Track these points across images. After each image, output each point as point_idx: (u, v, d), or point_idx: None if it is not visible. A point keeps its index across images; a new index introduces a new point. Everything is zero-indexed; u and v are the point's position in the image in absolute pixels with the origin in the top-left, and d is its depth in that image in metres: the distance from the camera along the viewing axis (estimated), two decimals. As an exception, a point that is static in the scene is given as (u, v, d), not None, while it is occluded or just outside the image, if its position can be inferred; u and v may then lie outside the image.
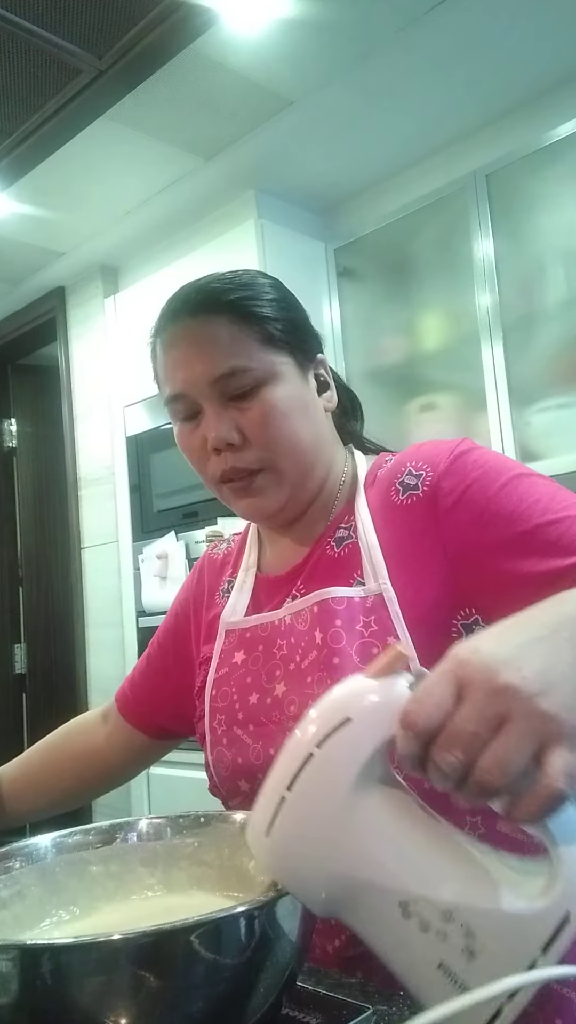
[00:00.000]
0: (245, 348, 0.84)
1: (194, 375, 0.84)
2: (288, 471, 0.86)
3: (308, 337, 0.91)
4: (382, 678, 0.52)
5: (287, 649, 0.84)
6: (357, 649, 0.78)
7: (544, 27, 1.97)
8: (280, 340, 0.86)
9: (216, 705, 0.88)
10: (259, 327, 0.85)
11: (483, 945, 0.48)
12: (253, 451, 0.84)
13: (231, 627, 0.92)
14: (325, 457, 0.90)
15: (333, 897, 0.51)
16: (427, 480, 0.82)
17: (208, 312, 0.85)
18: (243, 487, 0.86)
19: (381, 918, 0.50)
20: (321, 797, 0.50)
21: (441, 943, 0.49)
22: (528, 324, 2.19)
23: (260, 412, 0.84)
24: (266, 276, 0.93)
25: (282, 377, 0.86)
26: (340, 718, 0.51)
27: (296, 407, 0.86)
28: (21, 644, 3.62)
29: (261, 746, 0.82)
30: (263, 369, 0.84)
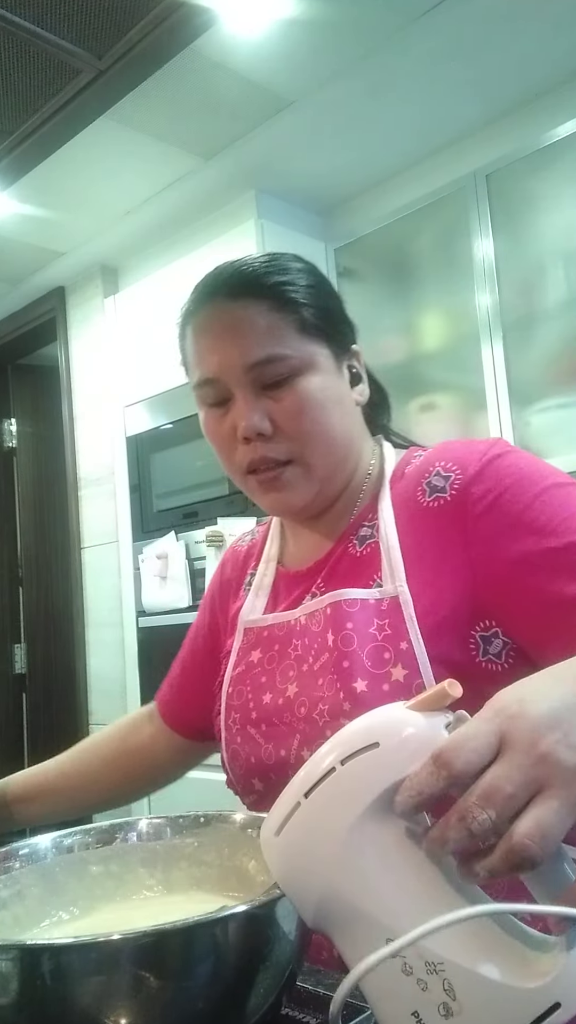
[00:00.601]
0: (283, 335, 0.81)
1: (229, 360, 0.82)
2: (318, 465, 0.83)
3: (344, 327, 0.89)
4: (423, 712, 0.51)
5: (301, 650, 0.83)
6: (369, 653, 0.77)
7: (544, 27, 1.97)
8: (317, 329, 0.83)
9: (232, 703, 0.87)
10: (297, 314, 0.82)
11: (461, 1007, 0.47)
12: (284, 442, 0.82)
13: (249, 625, 0.90)
14: (356, 450, 0.88)
15: (324, 912, 0.51)
16: (456, 483, 0.79)
17: (247, 295, 0.82)
18: (270, 479, 0.84)
19: (367, 948, 0.49)
20: (334, 813, 0.50)
21: (420, 992, 0.47)
22: (528, 324, 2.19)
23: (295, 402, 0.81)
24: (301, 260, 0.89)
25: (318, 367, 0.83)
26: (369, 740, 0.50)
27: (330, 399, 0.83)
28: (21, 644, 3.62)
29: (272, 747, 0.81)
30: (300, 358, 0.82)
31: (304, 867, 0.51)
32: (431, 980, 0.47)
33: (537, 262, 2.19)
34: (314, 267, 0.89)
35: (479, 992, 0.47)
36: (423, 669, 0.74)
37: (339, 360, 0.87)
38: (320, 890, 0.50)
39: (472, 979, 0.47)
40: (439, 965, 0.47)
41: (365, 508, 0.88)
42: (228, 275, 0.85)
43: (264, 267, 0.84)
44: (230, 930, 0.51)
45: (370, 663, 0.76)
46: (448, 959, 0.47)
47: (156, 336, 2.78)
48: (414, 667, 0.74)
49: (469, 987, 0.47)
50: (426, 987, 0.47)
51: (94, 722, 3.04)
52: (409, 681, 0.74)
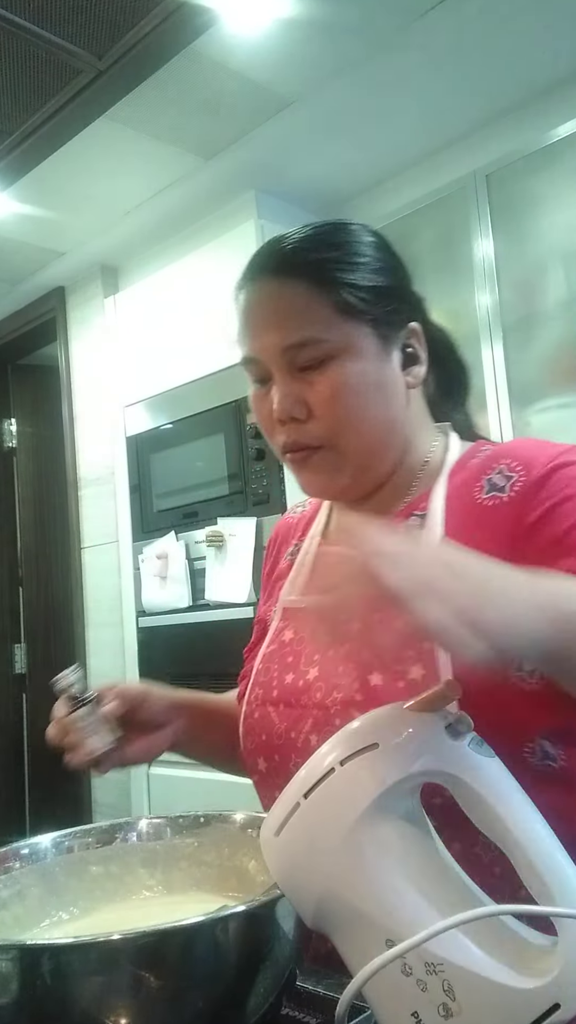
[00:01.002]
0: (320, 317, 0.79)
1: (266, 342, 0.81)
2: (350, 452, 0.81)
3: (398, 305, 0.84)
4: (422, 713, 0.51)
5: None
6: (391, 647, 0.76)
7: (544, 27, 1.96)
8: (360, 310, 0.80)
9: (258, 679, 0.86)
10: (338, 294, 0.79)
11: (460, 1007, 0.47)
12: (317, 426, 0.80)
13: (287, 605, 0.89)
14: (400, 438, 0.84)
15: (323, 913, 0.51)
16: (516, 485, 0.76)
17: (287, 274, 0.80)
18: (301, 460, 0.83)
19: (366, 949, 0.49)
20: (333, 813, 0.50)
21: (420, 993, 0.48)
22: (528, 324, 2.19)
23: (328, 387, 0.79)
24: (369, 232, 0.86)
25: (357, 351, 0.80)
26: (368, 741, 0.51)
27: (369, 384, 0.80)
28: (21, 644, 3.62)
29: (284, 727, 0.81)
30: (337, 341, 0.79)
31: (303, 867, 0.51)
32: (431, 981, 0.47)
33: (537, 262, 2.19)
34: (378, 241, 0.86)
35: (478, 993, 0.47)
36: (443, 672, 0.72)
37: (387, 341, 0.82)
38: (319, 890, 0.50)
39: (471, 980, 0.47)
40: (439, 966, 0.47)
41: (418, 497, 0.84)
42: (273, 250, 0.83)
43: (313, 241, 0.82)
44: (230, 930, 0.51)
45: (390, 658, 0.74)
46: (448, 960, 0.47)
47: (156, 336, 2.78)
48: (432, 669, 0.72)
49: (469, 988, 0.47)
50: (426, 987, 0.47)
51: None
52: (426, 682, 0.72)
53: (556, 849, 0.49)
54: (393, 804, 0.50)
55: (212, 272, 2.55)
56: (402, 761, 0.50)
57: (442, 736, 0.50)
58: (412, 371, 0.85)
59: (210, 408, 2.56)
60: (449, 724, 0.51)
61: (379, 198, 2.57)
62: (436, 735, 0.50)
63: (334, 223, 0.86)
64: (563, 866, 0.49)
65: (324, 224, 0.85)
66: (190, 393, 2.64)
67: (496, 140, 2.29)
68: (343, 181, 2.57)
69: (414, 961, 0.48)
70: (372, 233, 0.86)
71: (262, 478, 2.38)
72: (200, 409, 2.59)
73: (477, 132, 2.34)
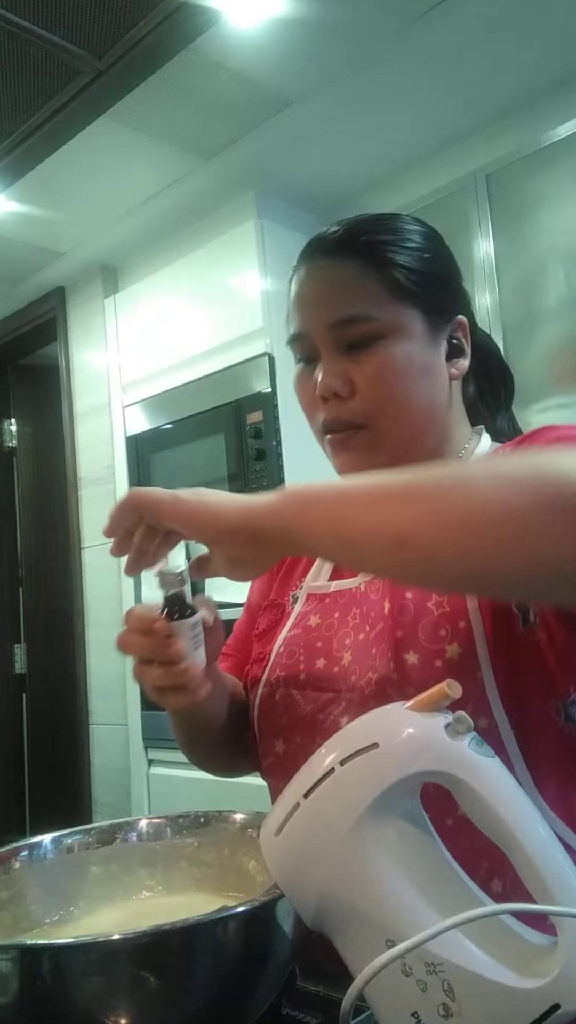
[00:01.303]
0: (371, 295, 0.79)
1: (314, 317, 0.81)
2: (389, 433, 0.81)
3: (447, 294, 0.85)
4: (422, 713, 0.52)
5: (360, 619, 0.82)
6: (424, 627, 0.75)
7: (543, 27, 1.96)
8: (412, 292, 0.80)
9: (280, 661, 0.86)
10: (391, 274, 0.79)
11: (460, 1008, 0.47)
12: (360, 404, 0.80)
13: (313, 591, 0.89)
14: (439, 427, 0.84)
15: (324, 913, 0.51)
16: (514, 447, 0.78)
17: (341, 252, 0.81)
18: (341, 441, 0.82)
19: (366, 949, 0.49)
20: (333, 813, 0.50)
21: (420, 993, 0.48)
22: (528, 324, 2.19)
23: (374, 366, 0.79)
24: (421, 224, 0.87)
25: (406, 333, 0.80)
26: (368, 741, 0.51)
27: (415, 367, 0.80)
28: (21, 644, 3.62)
29: (311, 710, 0.80)
30: (386, 320, 0.79)
31: (303, 867, 0.51)
32: (431, 981, 0.47)
33: (537, 262, 2.19)
34: (432, 232, 0.87)
35: (478, 993, 0.47)
36: (480, 651, 0.72)
37: (435, 328, 0.82)
38: (319, 890, 0.50)
39: (471, 980, 0.47)
40: (438, 966, 0.47)
41: None
42: (330, 232, 0.84)
43: (369, 225, 0.83)
44: (230, 930, 0.51)
45: (424, 637, 0.75)
46: (447, 960, 0.47)
47: (156, 336, 2.78)
48: (471, 648, 0.73)
49: (468, 988, 0.47)
50: (426, 988, 0.47)
51: (94, 722, 3.04)
52: (464, 661, 0.72)
53: (556, 849, 0.49)
54: (393, 804, 0.50)
55: (212, 272, 2.55)
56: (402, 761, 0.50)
57: (442, 736, 0.50)
58: (457, 363, 0.85)
59: (210, 408, 2.55)
60: (449, 724, 0.51)
61: (379, 198, 2.57)
62: (436, 735, 0.50)
63: (389, 214, 0.86)
64: (563, 867, 0.49)
65: (377, 214, 0.86)
66: (190, 393, 2.63)
67: (496, 140, 2.29)
68: (343, 181, 2.57)
69: (414, 961, 0.48)
70: (425, 225, 0.87)
71: (262, 478, 2.37)
72: (200, 409, 2.59)
73: (477, 132, 2.34)
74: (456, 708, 0.52)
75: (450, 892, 0.51)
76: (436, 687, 0.52)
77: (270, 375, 2.37)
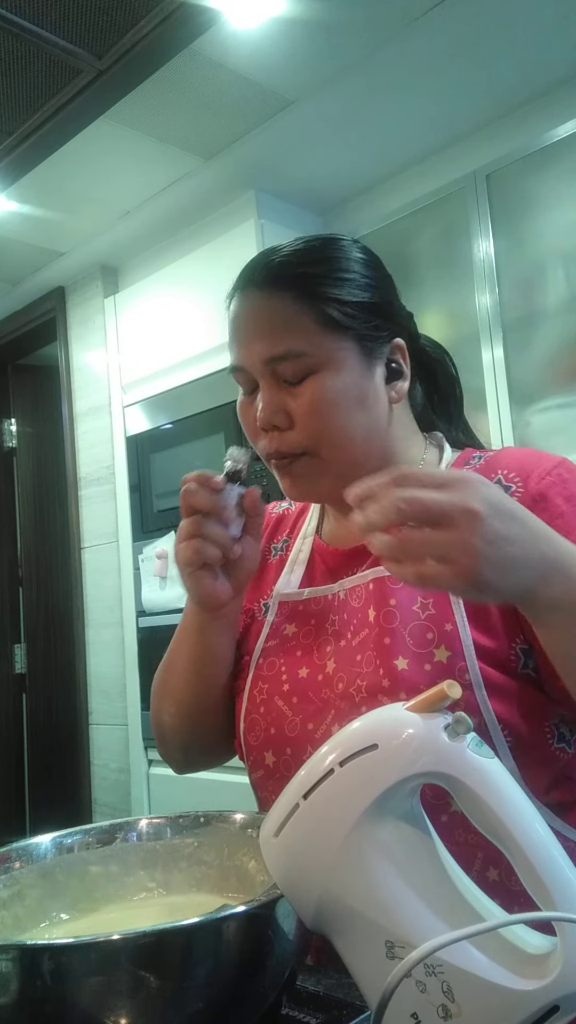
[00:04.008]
0: (303, 330, 0.80)
1: (251, 352, 0.82)
2: (331, 460, 0.83)
3: (383, 321, 0.85)
4: (422, 714, 0.52)
5: (339, 625, 0.83)
6: (412, 631, 0.77)
7: (543, 27, 1.96)
8: (344, 325, 0.81)
9: (261, 673, 0.86)
10: (322, 308, 0.80)
11: (460, 1008, 0.47)
12: (298, 436, 0.82)
13: (285, 599, 0.90)
14: (381, 448, 0.86)
15: (323, 914, 0.51)
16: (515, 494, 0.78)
17: (274, 286, 0.82)
18: (284, 467, 0.85)
19: (365, 950, 0.49)
20: (332, 814, 0.50)
21: (419, 994, 0.48)
22: (528, 324, 2.19)
23: (309, 400, 0.81)
24: (359, 249, 0.87)
25: (339, 365, 0.81)
26: (368, 742, 0.51)
27: (350, 398, 0.82)
28: (21, 644, 3.62)
29: (300, 720, 0.81)
30: (319, 355, 0.80)
31: (303, 868, 0.51)
32: (430, 982, 0.47)
33: (537, 262, 2.19)
34: (368, 257, 0.87)
35: (478, 994, 0.47)
36: (467, 653, 0.74)
37: (371, 356, 0.84)
38: (319, 891, 0.50)
39: (471, 981, 0.47)
40: (438, 967, 0.47)
41: None
42: (262, 263, 0.84)
43: (300, 256, 0.83)
44: (230, 930, 0.51)
45: (412, 642, 0.76)
46: (447, 961, 0.47)
47: (156, 336, 2.78)
48: (458, 650, 0.74)
49: (468, 989, 0.47)
50: (425, 989, 0.47)
51: (94, 722, 3.04)
52: (452, 664, 0.74)
53: (556, 851, 0.49)
54: (393, 805, 0.50)
55: (212, 272, 2.55)
56: (402, 762, 0.50)
57: (442, 737, 0.50)
58: (395, 386, 0.86)
59: (210, 408, 2.55)
60: (449, 725, 0.51)
61: (379, 198, 2.57)
62: (436, 736, 0.50)
63: (325, 238, 0.86)
64: (563, 868, 0.49)
65: (315, 238, 0.86)
66: (190, 393, 2.64)
67: (496, 140, 2.29)
68: (343, 181, 2.57)
69: None
70: (362, 249, 0.88)
71: (262, 478, 2.37)
72: (200, 409, 2.59)
73: (477, 132, 2.34)
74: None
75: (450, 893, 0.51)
76: (435, 688, 0.52)
77: (270, 375, 2.37)
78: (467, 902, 0.51)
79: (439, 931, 0.48)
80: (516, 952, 0.48)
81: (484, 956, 0.48)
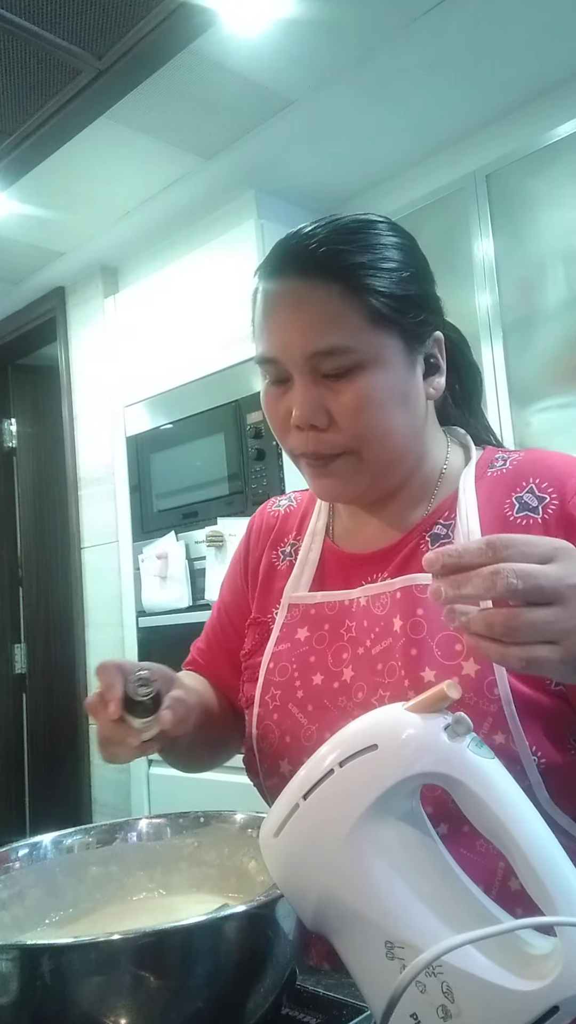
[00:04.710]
0: (351, 325, 0.75)
1: (290, 344, 0.76)
2: (371, 460, 0.79)
3: (426, 314, 0.81)
4: (422, 714, 0.51)
5: (356, 632, 0.80)
6: (440, 642, 0.74)
7: (544, 27, 1.96)
8: (391, 319, 0.76)
9: (272, 679, 0.83)
10: (369, 302, 0.75)
11: (459, 1009, 0.47)
12: (338, 436, 0.77)
13: (295, 601, 0.86)
14: (417, 447, 0.82)
15: (323, 914, 0.51)
16: (550, 508, 0.76)
17: (319, 275, 0.75)
18: (320, 466, 0.79)
19: (365, 951, 0.49)
20: (332, 815, 0.50)
21: (419, 994, 0.48)
22: (528, 324, 2.19)
23: (353, 398, 0.76)
24: (396, 233, 0.81)
25: (385, 363, 0.77)
26: (367, 742, 0.51)
27: (395, 397, 0.77)
28: (21, 644, 3.62)
29: (316, 728, 0.79)
30: (365, 352, 0.75)
31: (303, 868, 0.51)
32: (430, 982, 0.47)
33: (537, 262, 2.19)
34: (406, 242, 0.82)
35: (477, 995, 0.47)
36: (496, 667, 0.71)
37: (413, 352, 0.80)
38: (319, 891, 0.50)
39: (470, 982, 0.47)
40: (438, 968, 0.47)
41: (439, 506, 0.83)
42: (301, 247, 0.77)
43: (347, 243, 0.77)
44: (230, 930, 0.51)
45: (440, 653, 0.74)
46: (447, 962, 0.47)
47: (156, 336, 2.78)
48: (487, 664, 0.72)
49: (467, 990, 0.47)
50: (425, 989, 0.47)
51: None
52: (481, 677, 0.72)
53: (556, 851, 0.49)
54: (392, 805, 0.50)
55: (212, 272, 2.55)
56: (402, 762, 0.50)
57: (442, 737, 0.50)
58: (433, 381, 0.83)
59: (210, 408, 2.56)
60: (448, 725, 0.51)
61: (379, 198, 2.57)
62: (436, 736, 0.50)
63: (364, 220, 0.80)
64: (563, 869, 0.49)
65: (354, 221, 0.80)
66: (190, 393, 2.64)
67: (496, 140, 2.29)
68: (343, 181, 2.57)
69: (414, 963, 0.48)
70: (401, 232, 0.82)
71: (262, 478, 2.37)
72: (200, 409, 2.59)
73: (477, 132, 2.34)
74: (474, 724, 0.52)
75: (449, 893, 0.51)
76: (435, 688, 0.52)
77: (270, 375, 2.37)
78: (466, 902, 0.51)
79: (439, 932, 0.48)
80: (516, 953, 0.48)
81: (484, 957, 0.48)
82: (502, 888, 0.67)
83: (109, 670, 0.72)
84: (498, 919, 0.50)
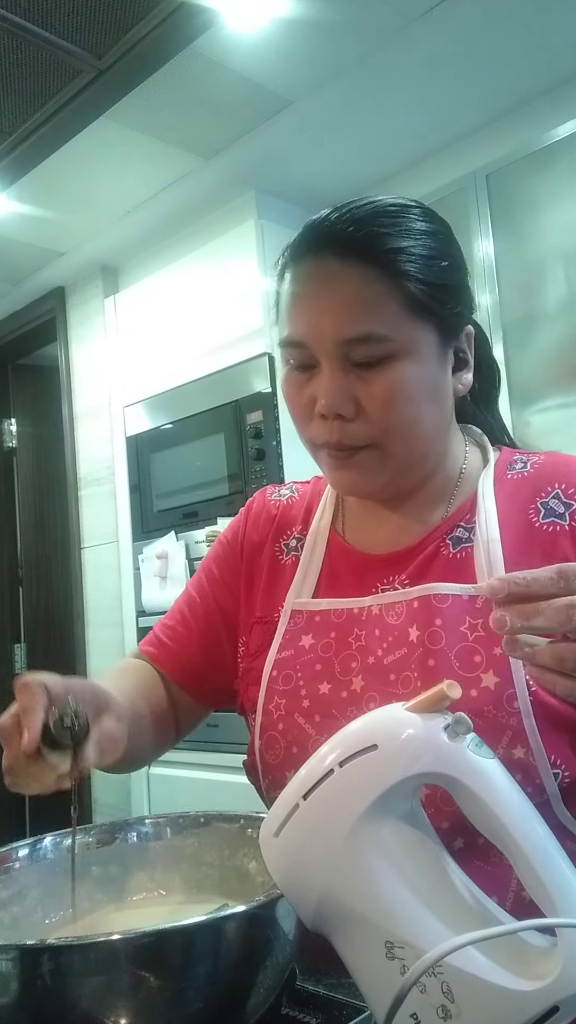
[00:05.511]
0: (388, 312, 0.71)
1: (321, 329, 0.72)
2: (396, 455, 0.76)
3: (460, 305, 0.77)
4: (422, 714, 0.51)
5: (366, 640, 0.77)
6: (458, 654, 0.72)
7: (543, 27, 1.96)
8: (429, 309, 0.73)
9: (276, 687, 0.80)
10: (409, 289, 0.71)
11: (460, 1009, 0.47)
12: (365, 427, 0.74)
13: (299, 608, 0.82)
14: (440, 445, 0.80)
15: (323, 915, 0.51)
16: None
17: (357, 258, 0.71)
18: (342, 458, 0.76)
19: (365, 951, 0.49)
20: (332, 815, 0.50)
21: (419, 994, 0.47)
22: (528, 324, 2.19)
23: (385, 389, 0.72)
24: (431, 219, 0.78)
25: (419, 353, 0.73)
26: (367, 743, 0.51)
27: (426, 389, 0.74)
28: (21, 644, 3.62)
29: (325, 739, 0.77)
30: (400, 341, 0.72)
31: (303, 869, 0.51)
32: (430, 982, 0.47)
33: (537, 262, 2.19)
34: (443, 229, 0.78)
35: (477, 995, 0.47)
36: (517, 679, 0.69)
37: (446, 345, 0.76)
38: (319, 892, 0.50)
39: (470, 982, 0.47)
40: (438, 968, 0.47)
41: (460, 508, 0.81)
42: (342, 227, 0.73)
43: (388, 225, 0.73)
44: (230, 930, 0.51)
45: (459, 665, 0.71)
46: (447, 962, 0.47)
47: (156, 336, 2.78)
48: (507, 676, 0.70)
49: (467, 990, 0.47)
50: (425, 989, 0.47)
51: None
52: (500, 690, 0.69)
53: (556, 852, 0.49)
54: (392, 805, 0.50)
55: (212, 272, 2.55)
56: (401, 762, 0.50)
57: (442, 737, 0.50)
58: (462, 376, 0.80)
59: (210, 408, 2.56)
60: (448, 725, 0.51)
61: (379, 198, 2.57)
62: (436, 736, 0.50)
63: (400, 204, 0.76)
64: (563, 869, 0.49)
65: (391, 204, 0.75)
66: (190, 393, 2.64)
67: (496, 140, 2.29)
68: (343, 181, 2.57)
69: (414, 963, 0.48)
70: (437, 219, 0.79)
71: (262, 478, 2.37)
72: (200, 409, 2.59)
73: (477, 132, 2.34)
74: (493, 738, 0.52)
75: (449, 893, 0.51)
76: (435, 688, 0.52)
77: (270, 375, 2.38)
78: (467, 903, 0.51)
79: (439, 932, 0.48)
80: (516, 953, 0.48)
81: (484, 957, 0.47)
82: (516, 898, 0.66)
83: (33, 690, 0.65)
84: (498, 919, 0.50)
